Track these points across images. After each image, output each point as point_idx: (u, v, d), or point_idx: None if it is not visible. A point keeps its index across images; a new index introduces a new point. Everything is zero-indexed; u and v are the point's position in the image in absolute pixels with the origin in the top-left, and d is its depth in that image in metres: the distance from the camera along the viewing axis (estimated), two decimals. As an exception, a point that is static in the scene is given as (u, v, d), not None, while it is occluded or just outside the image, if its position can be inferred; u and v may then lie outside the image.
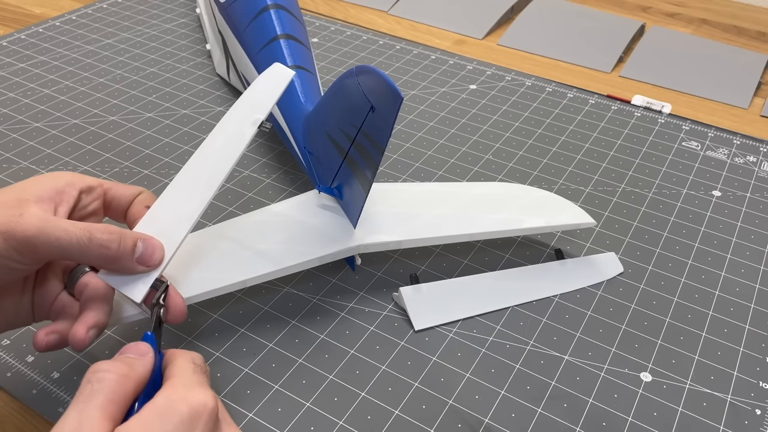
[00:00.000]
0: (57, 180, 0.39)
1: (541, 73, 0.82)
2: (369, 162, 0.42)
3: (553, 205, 0.55)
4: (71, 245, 0.36)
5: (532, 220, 0.52)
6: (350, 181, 0.46)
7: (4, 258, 0.35)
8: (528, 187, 0.57)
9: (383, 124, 0.40)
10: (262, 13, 0.63)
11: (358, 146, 0.43)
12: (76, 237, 0.36)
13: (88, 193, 0.41)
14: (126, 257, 0.38)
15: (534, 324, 0.50)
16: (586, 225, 0.54)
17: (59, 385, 0.44)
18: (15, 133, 0.67)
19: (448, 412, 0.43)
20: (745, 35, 0.94)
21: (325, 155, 0.49)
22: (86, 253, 0.37)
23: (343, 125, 0.44)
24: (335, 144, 0.46)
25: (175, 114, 0.71)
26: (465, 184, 0.57)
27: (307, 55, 0.62)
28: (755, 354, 0.48)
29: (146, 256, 0.39)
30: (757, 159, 0.68)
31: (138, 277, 0.39)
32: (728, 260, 0.56)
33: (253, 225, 0.49)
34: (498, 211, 0.53)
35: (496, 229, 0.51)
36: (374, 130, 0.41)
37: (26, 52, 0.81)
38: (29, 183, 0.39)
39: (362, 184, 0.44)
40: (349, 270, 0.53)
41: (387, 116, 0.39)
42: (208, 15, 0.81)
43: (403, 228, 0.50)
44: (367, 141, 0.42)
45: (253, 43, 0.63)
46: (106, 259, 0.37)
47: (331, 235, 0.48)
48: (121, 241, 0.38)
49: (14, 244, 0.35)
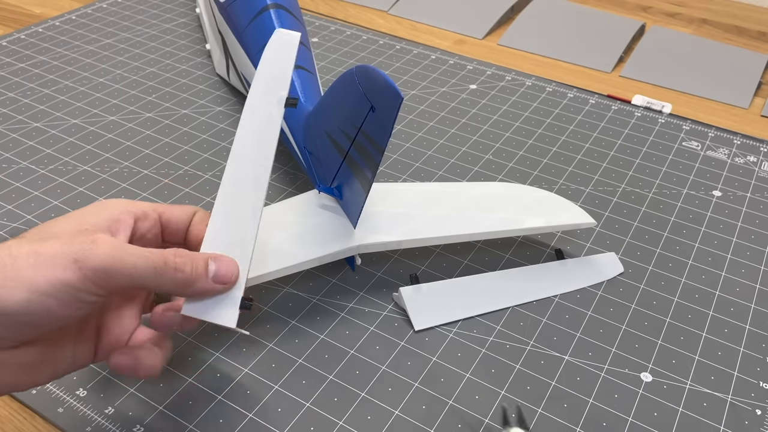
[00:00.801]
0: (113, 209, 0.38)
1: (541, 73, 0.82)
2: (369, 162, 0.42)
3: (554, 205, 0.55)
4: (146, 272, 0.34)
5: (533, 220, 0.52)
6: (350, 181, 0.46)
7: (77, 290, 0.32)
8: (528, 187, 0.57)
9: (383, 124, 0.39)
10: (262, 12, 0.63)
11: (358, 146, 0.43)
12: (152, 262, 0.34)
13: (143, 219, 0.39)
14: (201, 278, 0.37)
15: (534, 324, 0.49)
16: (587, 225, 0.54)
17: (59, 385, 0.44)
18: (14, 133, 0.67)
19: (448, 412, 0.43)
20: (746, 35, 0.94)
21: (325, 155, 0.49)
22: (161, 280, 0.35)
23: (343, 125, 0.44)
24: (335, 144, 0.46)
25: (174, 114, 0.71)
26: (465, 184, 0.57)
27: (307, 55, 0.62)
28: (755, 354, 0.48)
29: (221, 274, 0.38)
30: (757, 159, 0.68)
31: (220, 300, 0.38)
32: (728, 260, 0.56)
33: None
34: (498, 211, 0.53)
35: (496, 229, 0.51)
36: (374, 130, 0.41)
37: (26, 52, 0.81)
38: (86, 212, 0.37)
39: (362, 184, 0.44)
40: (349, 270, 0.53)
41: (387, 116, 0.39)
42: (207, 15, 0.81)
43: (403, 228, 0.50)
44: (367, 141, 0.42)
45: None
46: (181, 284, 0.36)
47: (331, 235, 0.48)
48: (193, 263, 0.37)
49: (89, 273, 0.32)
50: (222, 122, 0.70)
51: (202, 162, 0.64)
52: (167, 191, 0.60)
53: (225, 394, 0.44)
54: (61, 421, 0.42)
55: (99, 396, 0.43)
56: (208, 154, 0.65)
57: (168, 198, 0.60)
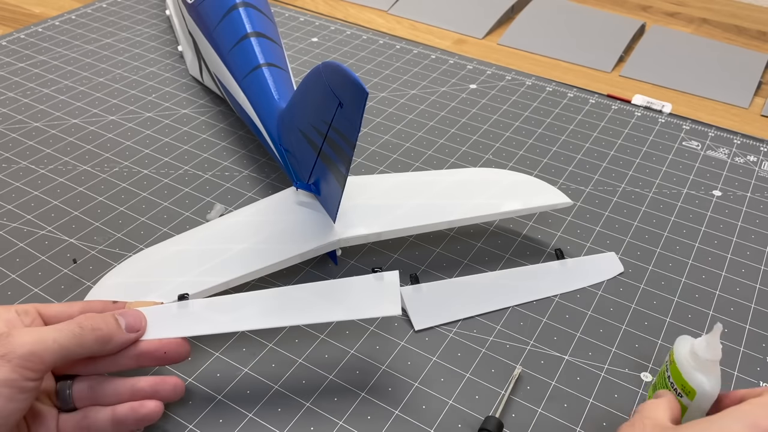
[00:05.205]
0: None
1: (541, 72, 0.82)
2: (342, 157, 0.43)
3: (530, 188, 0.55)
4: (69, 341, 0.36)
5: (510, 203, 0.53)
6: (326, 176, 0.47)
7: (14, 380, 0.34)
8: (504, 171, 0.57)
9: (351, 119, 0.40)
10: (231, 11, 0.63)
11: (330, 142, 0.43)
12: (70, 332, 0.37)
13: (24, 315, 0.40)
14: (117, 332, 0.39)
15: (534, 324, 0.49)
16: (563, 205, 0.54)
17: (59, 385, 0.44)
18: (14, 132, 0.67)
19: (448, 412, 0.43)
20: (746, 35, 0.93)
21: (300, 152, 0.50)
22: (83, 342, 0.37)
23: (314, 122, 0.45)
24: (308, 140, 0.47)
25: (174, 114, 0.71)
26: (441, 171, 0.57)
27: (278, 52, 0.62)
28: (755, 354, 0.48)
29: (132, 324, 0.40)
30: (757, 159, 0.68)
31: None
32: (729, 260, 0.56)
33: (232, 226, 0.50)
34: (475, 196, 0.53)
35: (475, 215, 0.52)
36: (344, 126, 0.41)
37: (25, 52, 0.81)
38: None
39: (337, 179, 0.44)
40: (349, 270, 0.53)
41: (354, 111, 0.39)
42: (177, 17, 0.80)
43: (382, 219, 0.50)
44: (338, 136, 0.42)
45: (223, 42, 0.63)
46: (101, 341, 0.38)
47: (311, 231, 0.49)
48: (104, 320, 0.39)
49: (19, 362, 0.34)
50: (222, 122, 0.70)
51: (201, 162, 0.64)
52: (167, 191, 0.60)
53: (225, 394, 0.44)
54: (61, 421, 0.42)
55: (99, 396, 0.43)
56: (207, 154, 0.65)
57: (168, 198, 0.59)
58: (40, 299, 0.50)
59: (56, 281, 0.51)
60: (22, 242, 0.54)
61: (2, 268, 0.52)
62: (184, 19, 0.76)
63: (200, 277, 0.46)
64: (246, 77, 0.59)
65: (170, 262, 0.47)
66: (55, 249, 0.54)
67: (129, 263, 0.48)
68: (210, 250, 0.47)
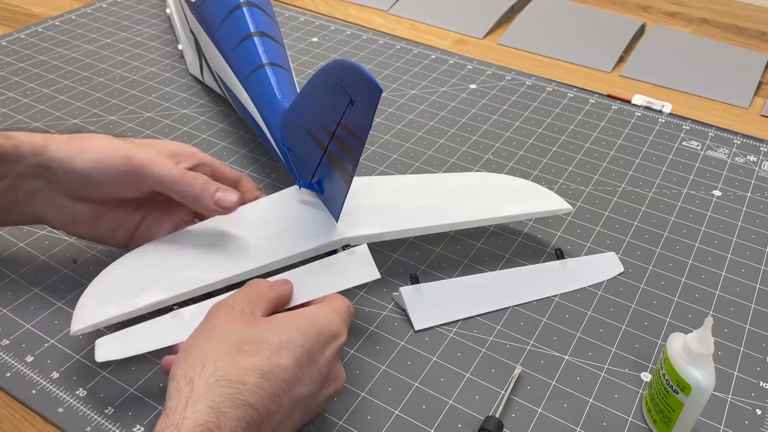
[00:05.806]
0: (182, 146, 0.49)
1: (541, 72, 0.82)
2: (350, 155, 0.42)
3: (531, 193, 0.55)
4: (165, 178, 0.46)
5: (510, 207, 0.53)
6: (331, 175, 0.47)
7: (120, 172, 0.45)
8: (506, 176, 0.57)
9: (363, 117, 0.40)
10: (235, 11, 0.63)
11: (337, 140, 0.43)
12: (172, 173, 0.46)
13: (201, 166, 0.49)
14: (206, 197, 0.46)
15: (534, 324, 0.49)
16: (563, 211, 0.54)
17: (59, 385, 0.44)
18: (14, 132, 0.67)
19: (448, 412, 0.43)
20: (746, 35, 0.93)
21: (304, 151, 0.50)
22: (175, 188, 0.46)
23: (322, 120, 0.44)
24: (314, 139, 0.46)
25: (174, 114, 0.71)
26: (444, 175, 0.57)
27: (281, 51, 0.62)
28: (755, 354, 0.48)
29: (223, 199, 0.46)
30: (757, 158, 0.68)
31: None
32: (729, 260, 0.56)
33: (234, 223, 0.49)
34: (477, 200, 0.54)
35: (476, 218, 0.52)
36: (354, 124, 0.41)
37: (26, 52, 0.81)
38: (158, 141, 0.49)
39: (343, 178, 0.44)
40: (349, 270, 0.53)
41: (367, 109, 0.39)
42: (178, 15, 0.80)
43: (385, 220, 0.50)
44: (347, 134, 0.42)
45: (226, 41, 0.63)
46: (190, 196, 0.46)
47: (313, 229, 0.49)
48: (205, 184, 0.46)
49: (130, 167, 0.45)
50: (222, 122, 0.70)
51: (202, 162, 0.64)
52: (167, 191, 0.60)
53: (225, 394, 0.44)
54: (60, 421, 0.42)
55: (99, 396, 0.43)
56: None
57: (168, 198, 0.59)
58: (40, 299, 0.50)
59: (56, 281, 0.51)
60: (22, 242, 0.54)
61: (2, 268, 0.52)
62: (185, 17, 0.76)
63: (201, 273, 0.46)
64: (249, 76, 0.59)
65: (171, 258, 0.47)
66: (55, 249, 0.54)
67: (130, 257, 0.48)
68: (211, 248, 0.47)
